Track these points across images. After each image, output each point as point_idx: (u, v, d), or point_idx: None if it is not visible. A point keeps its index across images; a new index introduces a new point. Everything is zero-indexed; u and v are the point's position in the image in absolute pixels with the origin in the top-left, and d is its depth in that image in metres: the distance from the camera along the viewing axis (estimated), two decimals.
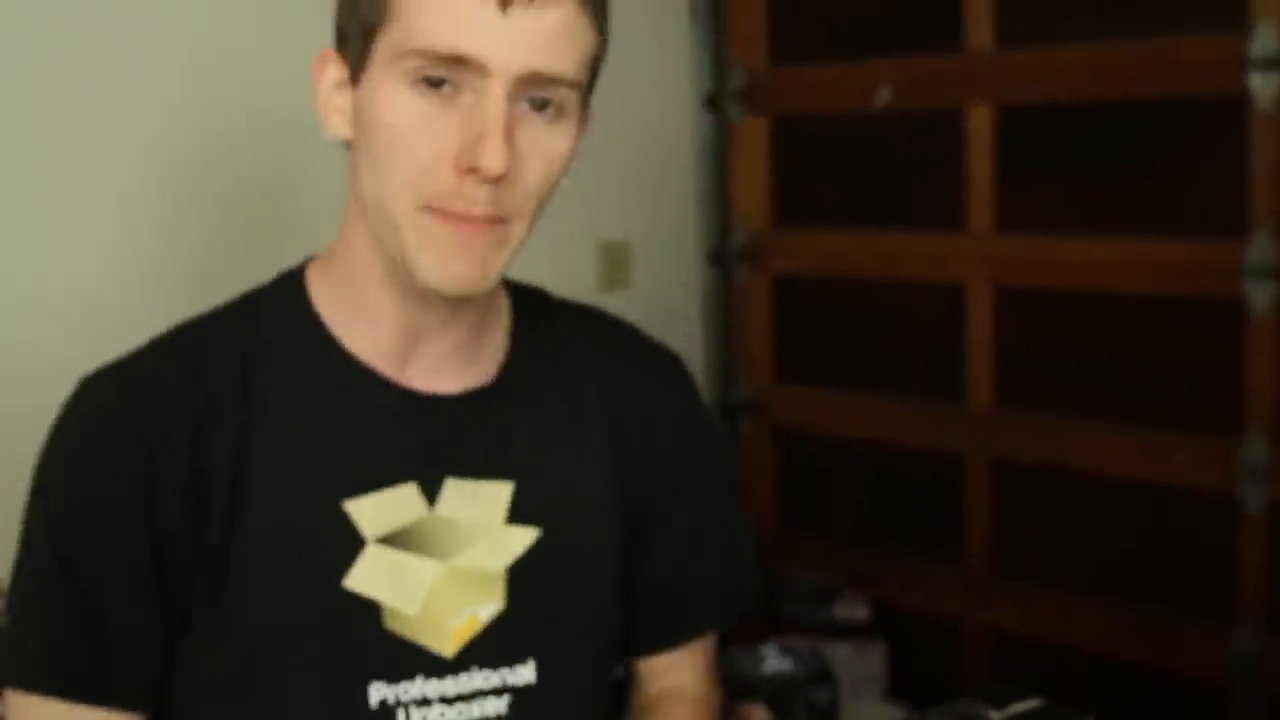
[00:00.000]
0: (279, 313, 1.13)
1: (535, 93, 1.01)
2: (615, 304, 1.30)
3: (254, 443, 1.06)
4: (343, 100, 1.06)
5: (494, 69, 0.98)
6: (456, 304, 1.10)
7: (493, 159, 0.97)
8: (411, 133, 0.99)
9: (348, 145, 1.08)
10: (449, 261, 1.02)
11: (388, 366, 1.11)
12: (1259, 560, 2.30)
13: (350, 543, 1.08)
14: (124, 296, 2.00)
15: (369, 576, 1.08)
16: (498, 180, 0.99)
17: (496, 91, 0.98)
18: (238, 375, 1.08)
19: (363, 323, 1.11)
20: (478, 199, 1.00)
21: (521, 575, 1.13)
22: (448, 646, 1.11)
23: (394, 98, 1.00)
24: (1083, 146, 2.48)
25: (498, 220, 1.02)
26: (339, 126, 1.07)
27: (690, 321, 2.97)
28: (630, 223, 2.77)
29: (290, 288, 1.14)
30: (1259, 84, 2.18)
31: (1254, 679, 2.30)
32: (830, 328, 2.93)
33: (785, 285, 2.96)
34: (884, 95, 2.67)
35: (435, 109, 0.99)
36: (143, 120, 2.02)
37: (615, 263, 2.76)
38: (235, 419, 1.06)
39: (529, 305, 1.23)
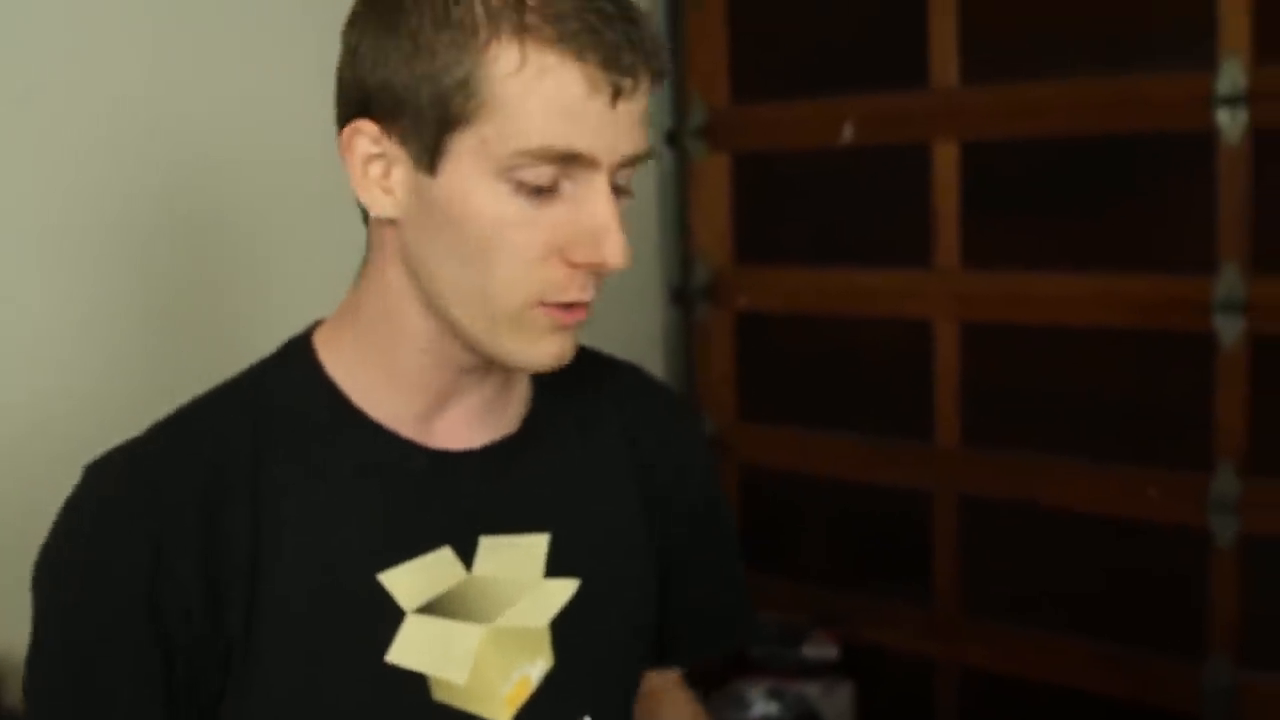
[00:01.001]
0: (291, 383, 1.08)
1: (621, 176, 0.99)
2: (577, 340, 1.28)
3: (272, 522, 1.01)
4: (389, 178, 0.99)
5: (603, 161, 0.95)
6: (490, 364, 1.06)
7: (617, 254, 0.97)
8: (518, 229, 0.96)
9: (390, 222, 1.02)
10: (549, 346, 1.00)
11: (412, 429, 1.07)
12: (1230, 594, 2.31)
13: (389, 615, 1.03)
14: (73, 344, 1.95)
15: (412, 648, 1.03)
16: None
17: (604, 184, 0.96)
18: (250, 453, 1.03)
19: (390, 388, 1.06)
20: (588, 287, 0.99)
21: (566, 628, 1.10)
22: (502, 713, 1.06)
23: (491, 193, 0.95)
24: (1049, 182, 2.49)
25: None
26: (387, 206, 1.00)
27: (652, 358, 2.95)
28: None
29: (300, 357, 1.09)
30: (1226, 120, 2.20)
31: (1227, 713, 2.30)
32: (794, 365, 2.92)
33: (748, 322, 2.95)
34: (848, 132, 2.67)
35: (536, 203, 0.96)
36: (97, 165, 1.96)
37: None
38: (249, 499, 1.01)
39: None
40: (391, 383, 1.06)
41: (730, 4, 2.87)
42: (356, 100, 0.99)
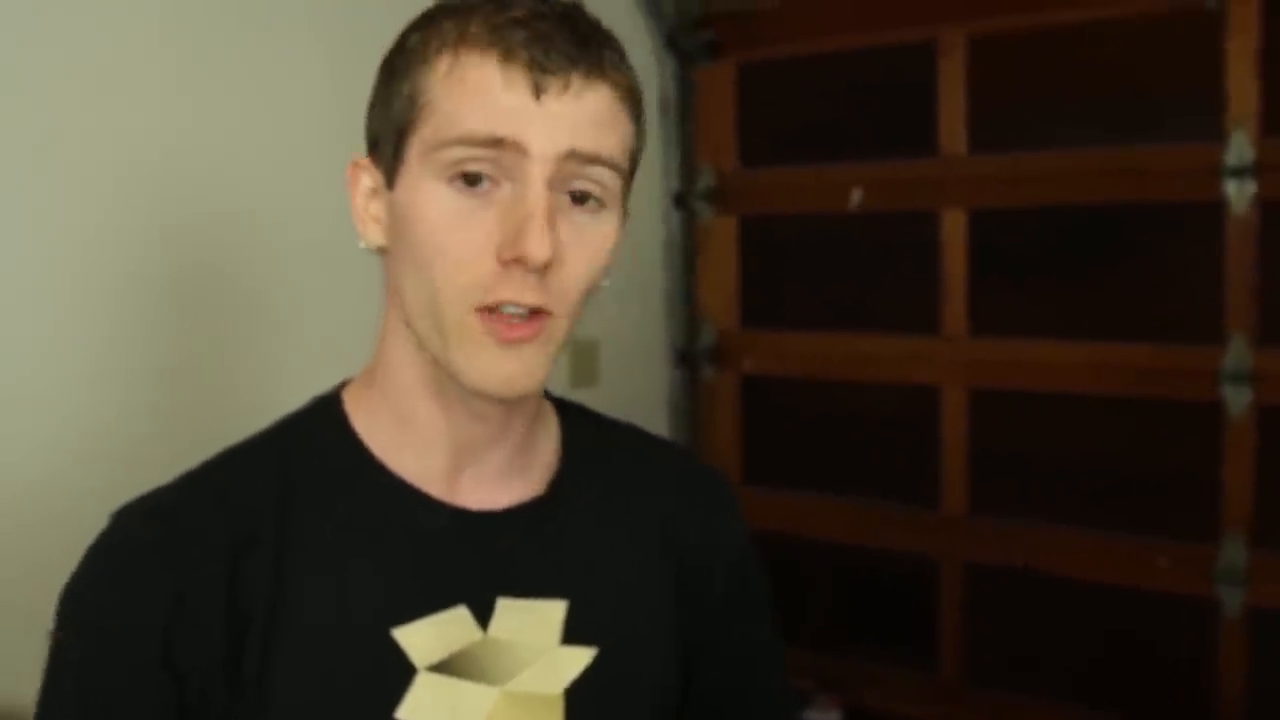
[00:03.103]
0: (318, 439, 1.08)
1: (576, 180, 0.98)
2: (582, 401, 1.27)
3: (293, 573, 1.01)
4: (378, 207, 1.04)
5: (533, 151, 0.96)
6: (506, 415, 1.06)
7: (537, 244, 0.94)
8: (453, 229, 0.97)
9: (382, 254, 1.05)
10: (497, 365, 0.98)
11: (437, 486, 1.07)
12: (1238, 665, 2.29)
13: (400, 672, 1.02)
14: (84, 392, 1.94)
15: (422, 707, 1.02)
16: (543, 269, 0.96)
17: (536, 175, 0.96)
18: (274, 506, 1.03)
19: (411, 443, 1.06)
20: (524, 288, 0.96)
21: (580, 698, 1.08)
22: None
23: (432, 193, 0.97)
24: (1058, 251, 2.50)
25: (542, 314, 0.98)
26: (375, 234, 1.04)
27: (657, 420, 2.95)
28: (598, 320, 2.74)
29: (328, 412, 1.09)
30: (1234, 191, 2.21)
31: None
32: (799, 429, 2.91)
33: (753, 385, 2.95)
34: (857, 197, 2.69)
35: (475, 204, 0.96)
36: (111, 217, 1.97)
37: (583, 360, 2.73)
38: (272, 551, 1.01)
39: (576, 417, 1.19)
40: (411, 437, 1.06)
41: (739, 68, 2.89)
42: (366, 146, 1.06)
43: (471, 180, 0.97)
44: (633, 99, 1.02)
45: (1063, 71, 2.45)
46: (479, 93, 0.96)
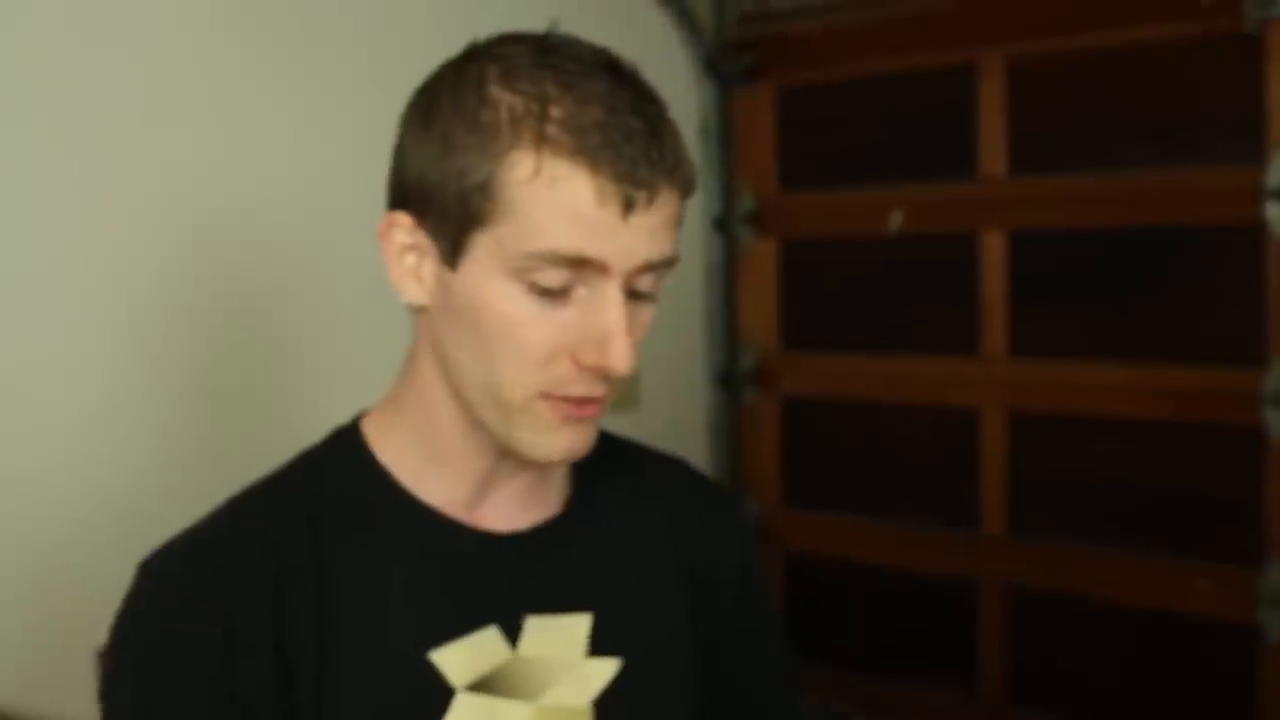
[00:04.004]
0: (344, 469, 1.10)
1: (641, 283, 1.00)
2: (623, 424, 1.28)
3: (334, 603, 1.04)
4: (421, 269, 1.03)
5: (614, 268, 0.97)
6: None
7: (621, 360, 0.97)
8: (528, 327, 0.98)
9: (419, 311, 1.06)
10: (560, 441, 1.02)
11: (461, 511, 1.10)
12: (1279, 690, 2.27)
13: (440, 694, 1.05)
14: (125, 412, 1.98)
15: None
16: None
17: (615, 292, 0.97)
18: (307, 536, 1.05)
19: (438, 473, 1.09)
20: (594, 385, 1.00)
21: (608, 709, 1.11)
22: None
23: (504, 291, 0.98)
24: (1098, 273, 2.49)
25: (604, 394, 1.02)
26: (417, 294, 1.04)
27: (698, 443, 2.95)
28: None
29: (350, 444, 1.12)
30: (1276, 213, 2.20)
31: None
32: (840, 451, 2.92)
33: (794, 408, 2.96)
34: (897, 220, 2.69)
35: (549, 305, 0.98)
36: (153, 246, 1.99)
37: (624, 383, 2.74)
38: (313, 580, 1.04)
39: None
40: (438, 468, 1.09)
41: (779, 91, 2.91)
42: (397, 193, 1.04)
43: (549, 293, 0.98)
44: (692, 188, 1.03)
45: (1102, 94, 2.45)
46: (569, 210, 0.95)
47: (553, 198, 0.95)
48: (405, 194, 1.02)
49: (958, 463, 2.67)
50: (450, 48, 1.04)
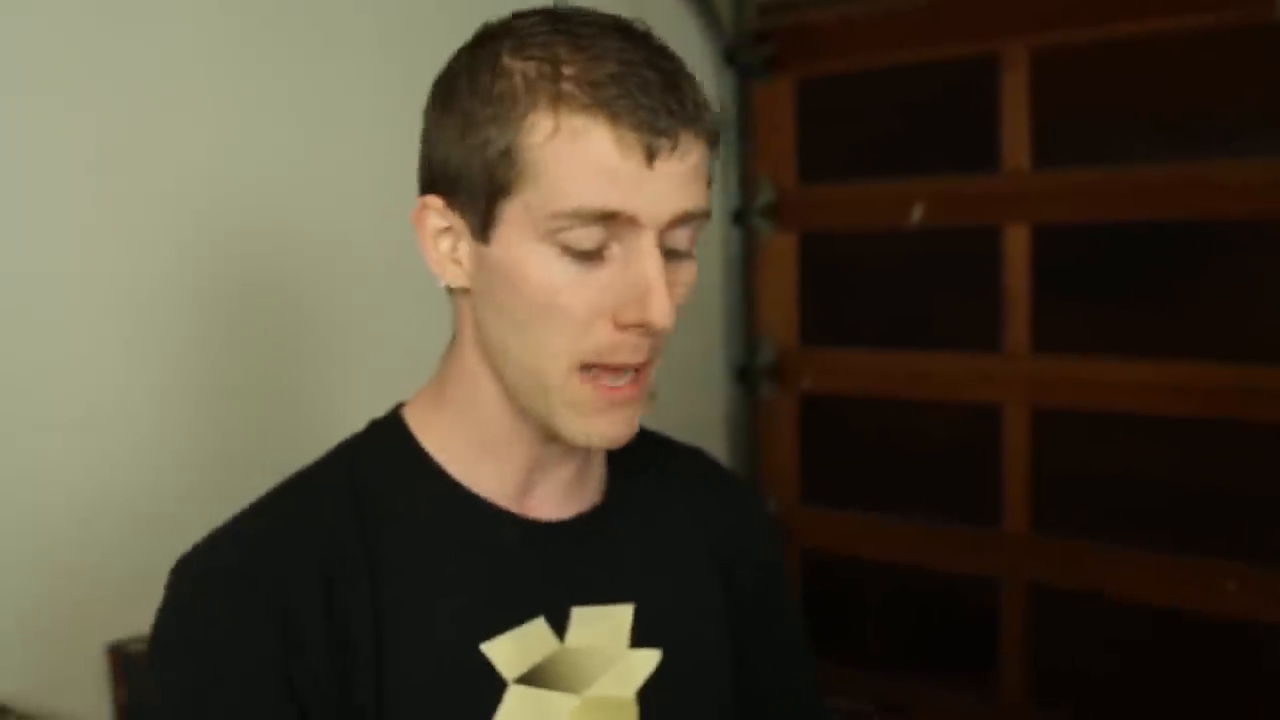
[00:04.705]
0: (388, 459, 1.09)
1: (676, 238, 0.99)
2: (641, 418, 1.28)
3: (387, 594, 1.03)
4: (452, 247, 1.03)
5: (644, 220, 0.96)
6: None
7: (661, 313, 0.96)
8: (562, 291, 0.97)
9: (453, 292, 1.06)
10: (603, 426, 1.01)
11: (509, 501, 1.09)
12: None
13: (492, 686, 1.04)
14: (144, 408, 1.96)
15: (514, 718, 1.05)
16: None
17: (650, 245, 0.96)
18: (356, 528, 1.04)
19: (487, 462, 1.08)
20: (637, 350, 0.99)
21: (651, 699, 1.11)
22: None
23: (537, 256, 0.97)
24: (1123, 267, 2.45)
25: (643, 367, 1.01)
26: (456, 276, 1.03)
27: (715, 438, 2.93)
28: None
29: (393, 433, 1.10)
30: None
31: None
32: (859, 447, 2.89)
33: (812, 403, 2.93)
34: (918, 213, 2.66)
35: (584, 266, 0.97)
36: (175, 238, 1.98)
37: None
38: (363, 572, 1.02)
39: None
40: (485, 456, 1.08)
41: (799, 83, 2.87)
42: (426, 177, 1.04)
43: (583, 254, 0.96)
44: (717, 137, 1.02)
45: (1127, 85, 2.41)
46: (591, 163, 0.95)
47: (574, 153, 0.94)
48: (434, 178, 1.02)
49: (979, 460, 2.63)
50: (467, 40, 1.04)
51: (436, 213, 1.02)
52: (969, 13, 2.59)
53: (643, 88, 0.94)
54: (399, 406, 1.13)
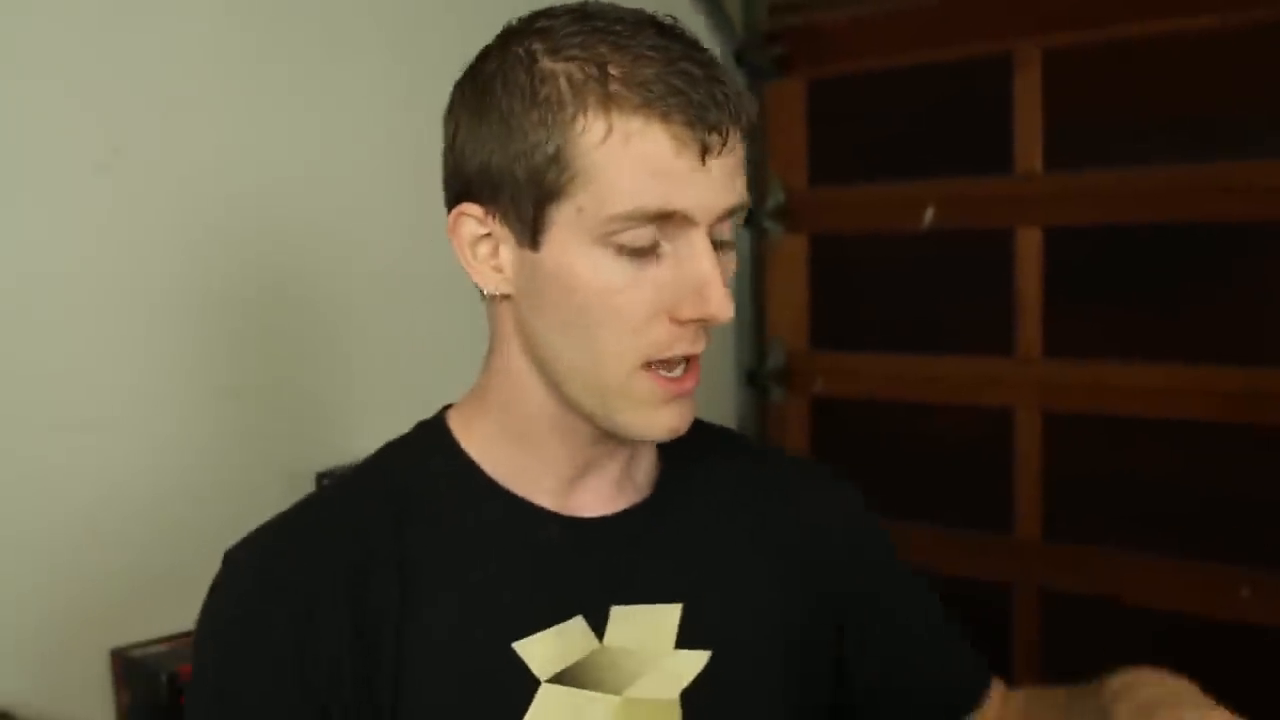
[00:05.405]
0: (430, 461, 1.11)
1: (721, 230, 1.00)
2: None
3: (416, 590, 1.04)
4: (497, 257, 1.03)
5: (698, 217, 0.97)
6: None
7: (723, 306, 0.97)
8: (623, 293, 0.97)
9: (492, 298, 1.06)
10: (664, 419, 1.02)
11: (552, 500, 1.09)
12: None
13: (523, 685, 1.04)
14: (153, 411, 1.95)
15: (546, 718, 1.04)
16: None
17: (704, 241, 0.98)
18: (392, 526, 1.06)
19: (531, 465, 1.09)
20: (696, 341, 1.01)
21: (697, 701, 1.09)
22: None
23: (591, 259, 0.97)
24: (1136, 270, 2.43)
25: (696, 357, 1.02)
26: (498, 283, 1.03)
27: None
28: None
29: (436, 437, 1.12)
30: None
31: None
32: (869, 452, 2.86)
33: (822, 407, 2.91)
34: (929, 215, 2.64)
35: (639, 265, 0.98)
36: (194, 239, 1.97)
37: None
38: (395, 569, 1.04)
39: None
40: (526, 457, 1.09)
41: (809, 84, 2.86)
42: (459, 186, 1.03)
43: (638, 253, 0.97)
44: (754, 127, 1.02)
45: (1141, 86, 2.39)
46: (649, 165, 0.95)
47: (629, 155, 0.94)
48: (468, 186, 1.02)
49: (991, 464, 2.61)
50: (478, 42, 1.03)
51: (474, 221, 1.02)
52: (981, 13, 2.57)
53: (691, 84, 0.95)
54: (446, 409, 1.14)
